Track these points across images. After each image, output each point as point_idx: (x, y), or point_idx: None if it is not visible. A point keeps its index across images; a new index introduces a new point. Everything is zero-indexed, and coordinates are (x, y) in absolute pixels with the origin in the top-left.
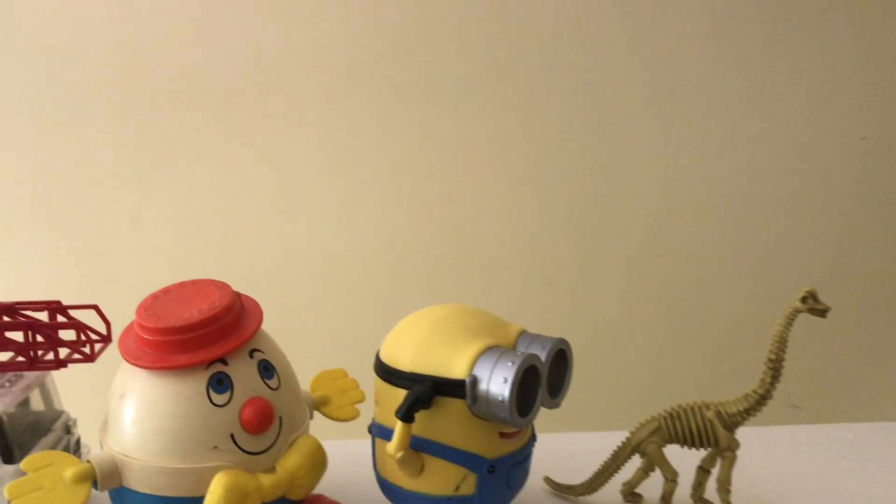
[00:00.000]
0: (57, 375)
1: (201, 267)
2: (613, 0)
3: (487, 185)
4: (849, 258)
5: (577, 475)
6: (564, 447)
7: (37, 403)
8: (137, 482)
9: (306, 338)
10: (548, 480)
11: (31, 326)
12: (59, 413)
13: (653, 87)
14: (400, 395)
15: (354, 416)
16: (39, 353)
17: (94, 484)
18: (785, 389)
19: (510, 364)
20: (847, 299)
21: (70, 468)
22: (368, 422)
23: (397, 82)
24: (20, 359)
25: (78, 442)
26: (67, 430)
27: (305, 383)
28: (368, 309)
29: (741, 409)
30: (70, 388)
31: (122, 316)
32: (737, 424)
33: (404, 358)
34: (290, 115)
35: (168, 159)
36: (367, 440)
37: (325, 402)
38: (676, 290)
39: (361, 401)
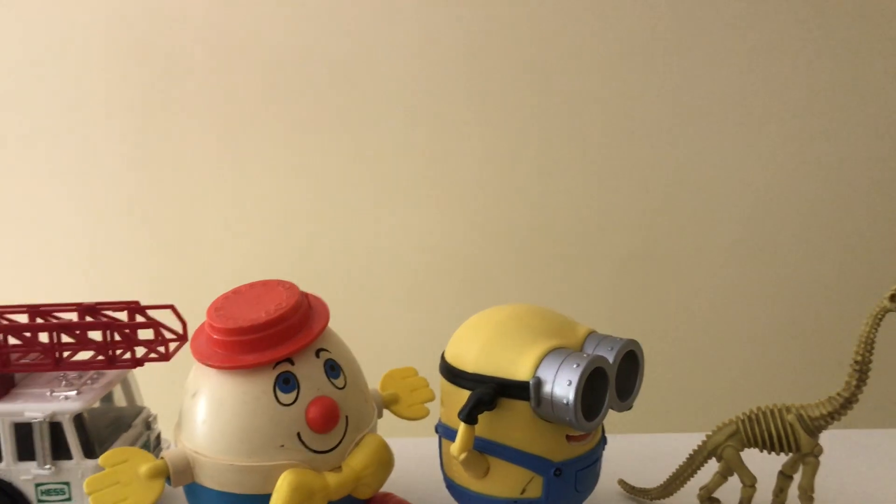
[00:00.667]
0: (138, 372)
1: (273, 266)
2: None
3: (557, 181)
4: None
5: (651, 478)
6: (639, 449)
7: (119, 399)
8: (208, 479)
9: (377, 336)
10: (622, 483)
11: (110, 326)
12: (140, 409)
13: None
14: (464, 395)
15: (424, 414)
16: (118, 352)
17: (168, 479)
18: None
19: (575, 366)
20: None
21: (144, 464)
22: (437, 420)
23: (479, 82)
24: (100, 358)
25: (158, 437)
26: (148, 425)
27: (375, 382)
28: (439, 307)
29: (824, 412)
30: (151, 384)
31: (199, 316)
32: (820, 429)
33: (468, 359)
34: (372, 117)
35: (252, 161)
36: (429, 438)
37: (395, 401)
38: (759, 289)
39: (430, 399)
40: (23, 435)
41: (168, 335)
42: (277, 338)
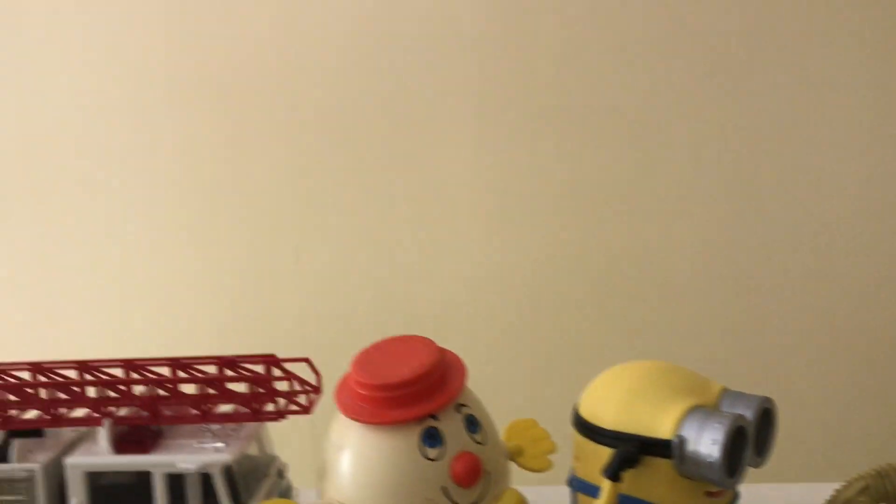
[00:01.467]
0: None
1: (365, 308)
2: None
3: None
4: None
5: None
6: (757, 499)
7: (252, 450)
8: None
9: (487, 387)
10: None
11: (255, 380)
12: (273, 458)
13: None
14: (601, 451)
15: (548, 466)
16: (260, 405)
17: None
18: None
19: (718, 425)
20: None
21: None
22: (559, 470)
23: (553, 101)
24: (243, 410)
25: (289, 487)
26: (280, 475)
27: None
28: (551, 359)
29: None
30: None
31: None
32: None
33: (606, 415)
34: (448, 144)
35: (329, 195)
36: (553, 486)
37: (520, 453)
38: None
39: (554, 451)
40: (175, 485)
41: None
42: (423, 394)
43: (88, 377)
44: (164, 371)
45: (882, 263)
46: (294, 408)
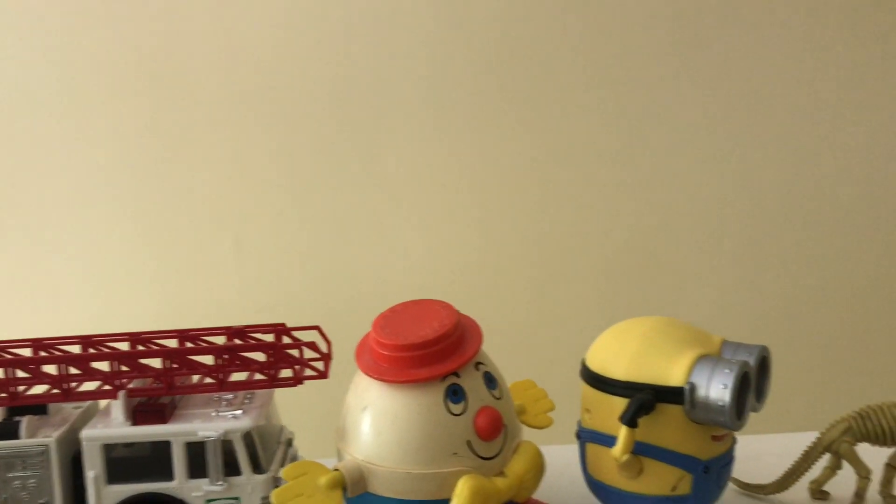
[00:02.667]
0: None
1: (312, 288)
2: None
3: (565, 189)
4: None
5: (758, 476)
6: (746, 449)
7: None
8: (383, 487)
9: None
10: (735, 481)
11: (271, 347)
12: (281, 428)
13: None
14: (614, 402)
15: (549, 423)
16: (277, 372)
17: (344, 489)
18: None
19: (727, 371)
20: None
21: (323, 476)
22: (552, 429)
23: (508, 87)
24: (258, 377)
25: (296, 455)
26: (289, 443)
27: None
28: (538, 319)
29: None
30: None
31: None
32: None
33: (618, 367)
34: (395, 129)
35: (270, 182)
36: (552, 446)
37: (523, 412)
38: (864, 293)
39: (552, 409)
40: (193, 453)
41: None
42: (445, 353)
43: (94, 352)
44: (172, 343)
45: (862, 230)
46: (310, 373)
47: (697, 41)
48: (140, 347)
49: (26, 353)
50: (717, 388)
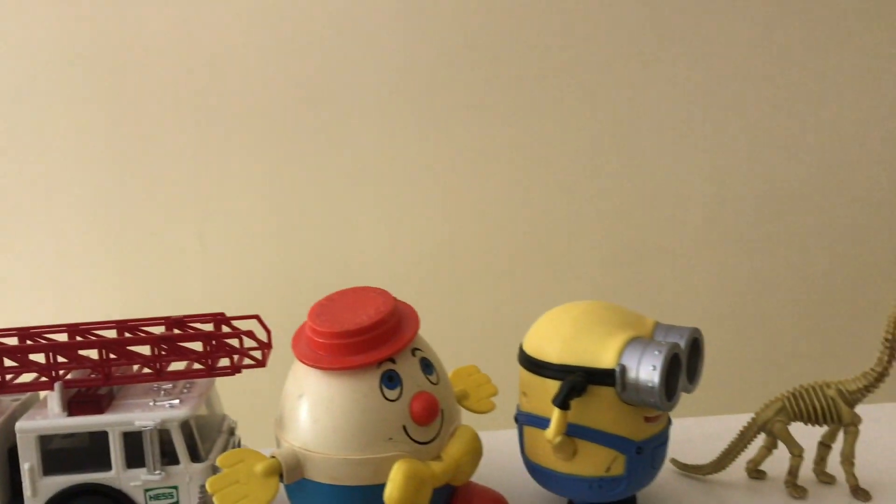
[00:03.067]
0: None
1: (273, 279)
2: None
3: (541, 182)
4: None
5: (698, 457)
6: (686, 432)
7: (201, 410)
8: (319, 474)
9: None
10: (675, 462)
11: (209, 336)
12: (223, 417)
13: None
14: (549, 385)
15: (491, 408)
16: (214, 361)
17: (281, 476)
18: None
19: (657, 352)
20: None
21: (259, 463)
22: (496, 413)
23: (467, 79)
24: (197, 366)
25: (239, 442)
26: (231, 431)
27: None
28: (485, 307)
29: (861, 386)
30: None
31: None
32: (857, 401)
33: (552, 350)
34: (355, 120)
35: (232, 174)
36: (495, 431)
37: (465, 397)
38: (792, 280)
39: (495, 394)
40: (131, 443)
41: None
42: (380, 339)
43: (31, 344)
44: (111, 334)
45: (795, 222)
46: (249, 362)
47: (673, 33)
48: (79, 339)
49: None
50: (647, 370)
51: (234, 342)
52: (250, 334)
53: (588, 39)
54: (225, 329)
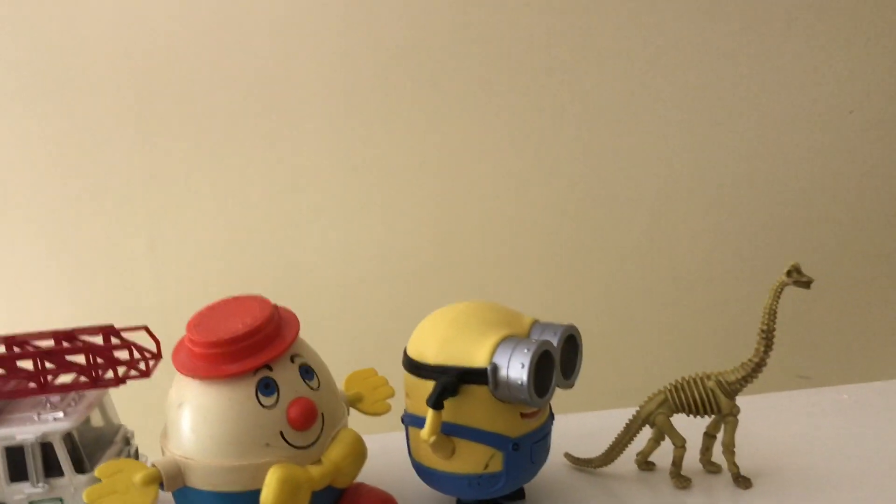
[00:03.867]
0: (111, 392)
1: (224, 284)
2: None
3: (493, 186)
4: (837, 232)
5: (595, 450)
6: (581, 426)
7: (97, 420)
8: (199, 481)
9: (334, 342)
10: (567, 456)
11: (92, 349)
12: (118, 427)
13: (645, 72)
14: (428, 386)
15: (386, 410)
16: (99, 372)
17: (161, 485)
18: (788, 360)
19: (526, 351)
20: (837, 272)
21: (138, 472)
22: (399, 415)
23: (407, 85)
24: (83, 379)
25: (136, 452)
26: (127, 441)
27: (338, 383)
28: (391, 310)
29: (739, 377)
30: (121, 403)
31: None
32: (736, 391)
33: (429, 352)
34: (301, 126)
35: (182, 180)
36: (397, 433)
37: (359, 399)
38: (673, 275)
39: (391, 396)
40: (14, 458)
41: (145, 354)
42: (255, 347)
43: None
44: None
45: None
46: (133, 373)
47: (667, 34)
48: None
49: None
50: (516, 368)
51: (124, 354)
52: (134, 345)
53: (580, 38)
54: (114, 341)
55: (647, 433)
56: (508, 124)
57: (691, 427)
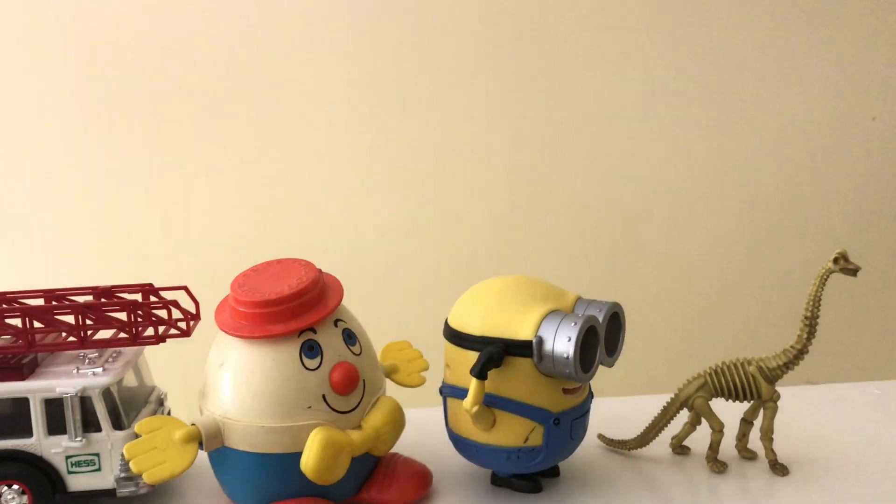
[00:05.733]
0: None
1: (238, 261)
2: None
3: (535, 170)
4: (867, 230)
5: (628, 433)
6: (617, 409)
7: (130, 380)
8: (238, 441)
9: (369, 313)
10: (602, 437)
11: (133, 305)
12: (152, 388)
13: (659, 72)
14: (470, 357)
15: (421, 382)
16: (139, 330)
17: (200, 444)
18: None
19: (573, 325)
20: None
21: (179, 430)
22: (430, 390)
23: (459, 64)
24: (122, 335)
25: (169, 413)
26: (161, 402)
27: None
28: (424, 284)
29: (781, 363)
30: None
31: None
32: (777, 377)
33: (473, 323)
34: (367, 104)
35: (199, 160)
36: (430, 408)
37: (395, 371)
38: (719, 259)
39: (426, 369)
40: (53, 410)
41: (178, 313)
42: (301, 309)
43: None
44: (38, 302)
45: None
46: (173, 332)
47: (665, 34)
48: (4, 306)
49: None
50: (563, 342)
51: (163, 313)
52: (175, 304)
53: (581, 37)
54: (153, 299)
55: (682, 417)
56: (559, 112)
57: (726, 413)
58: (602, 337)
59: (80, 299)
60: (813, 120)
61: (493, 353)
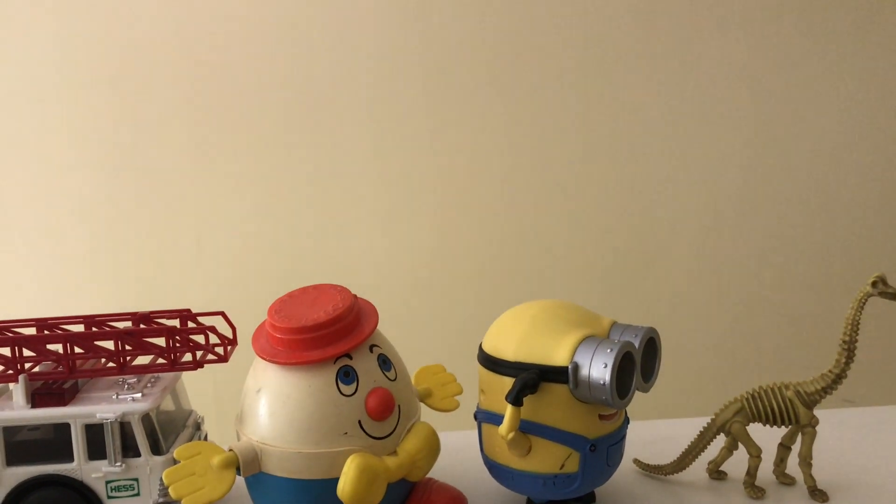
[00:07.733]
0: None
1: (268, 282)
2: None
3: (563, 192)
4: None
5: (663, 458)
6: (652, 433)
7: (167, 404)
8: (276, 467)
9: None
10: (637, 462)
11: (172, 332)
12: (189, 412)
13: (696, 93)
14: (505, 382)
15: (455, 406)
16: (178, 355)
17: (238, 470)
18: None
19: (609, 350)
20: None
21: (217, 456)
22: (463, 415)
23: (476, 82)
24: (161, 361)
25: (206, 438)
26: (198, 426)
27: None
28: (457, 310)
29: (819, 387)
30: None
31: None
32: (815, 402)
33: (508, 349)
34: (388, 119)
35: (229, 179)
36: (464, 431)
37: (429, 395)
38: (755, 283)
39: (460, 393)
40: (93, 436)
41: (215, 339)
42: (337, 335)
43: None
44: (78, 328)
45: (757, 243)
46: (211, 357)
47: (667, 39)
48: (46, 332)
49: None
50: (599, 368)
51: (200, 338)
52: (213, 330)
53: (582, 43)
54: (190, 325)
55: (719, 441)
56: (576, 127)
57: (764, 438)
58: (639, 362)
59: (120, 325)
60: (853, 134)
61: (529, 379)
